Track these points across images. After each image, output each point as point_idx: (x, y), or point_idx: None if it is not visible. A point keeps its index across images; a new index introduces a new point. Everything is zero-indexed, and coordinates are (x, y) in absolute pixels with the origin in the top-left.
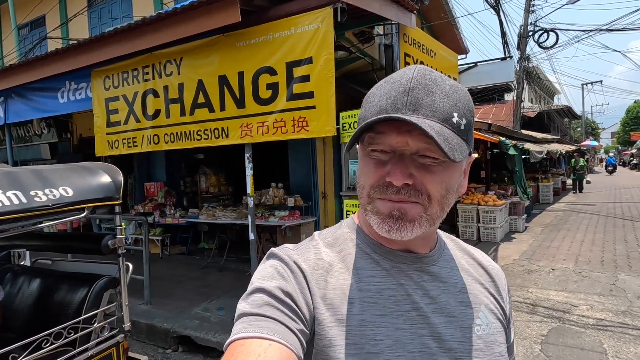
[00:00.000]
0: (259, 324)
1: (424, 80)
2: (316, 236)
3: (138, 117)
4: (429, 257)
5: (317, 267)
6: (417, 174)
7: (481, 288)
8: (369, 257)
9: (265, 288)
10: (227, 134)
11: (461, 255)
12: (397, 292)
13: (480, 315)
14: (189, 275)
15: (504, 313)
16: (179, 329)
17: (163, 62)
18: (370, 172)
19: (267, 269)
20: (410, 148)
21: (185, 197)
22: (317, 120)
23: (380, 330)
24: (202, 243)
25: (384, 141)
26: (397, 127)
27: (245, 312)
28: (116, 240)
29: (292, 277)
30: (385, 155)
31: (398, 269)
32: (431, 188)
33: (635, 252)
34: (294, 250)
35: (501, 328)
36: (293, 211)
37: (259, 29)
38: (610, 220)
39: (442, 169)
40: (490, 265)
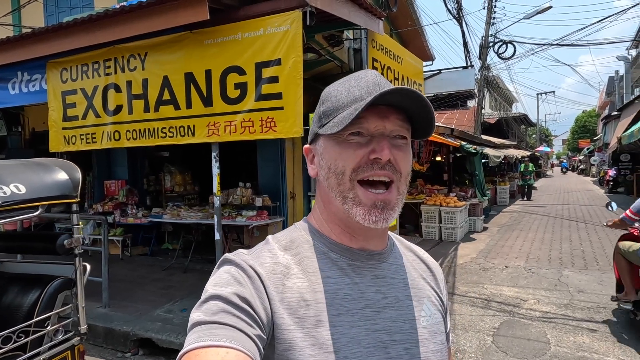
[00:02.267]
0: (215, 332)
1: (383, 79)
2: (271, 239)
3: (98, 112)
4: (381, 255)
5: (274, 271)
6: (394, 153)
7: (424, 282)
8: (326, 257)
9: (221, 295)
10: (194, 133)
11: (407, 252)
12: (352, 291)
13: (424, 308)
14: (152, 276)
15: (442, 304)
16: (139, 331)
17: (126, 57)
18: (352, 154)
19: (222, 275)
20: (386, 130)
21: (149, 196)
22: (285, 121)
23: (337, 329)
24: (166, 244)
25: (364, 125)
26: (377, 113)
27: (199, 321)
28: (73, 239)
29: (249, 282)
30: (363, 139)
31: (354, 267)
32: (403, 166)
33: (578, 250)
34: (249, 254)
35: (441, 318)
36: (261, 211)
37: (228, 28)
38: (558, 221)
39: (408, 148)
40: (430, 260)
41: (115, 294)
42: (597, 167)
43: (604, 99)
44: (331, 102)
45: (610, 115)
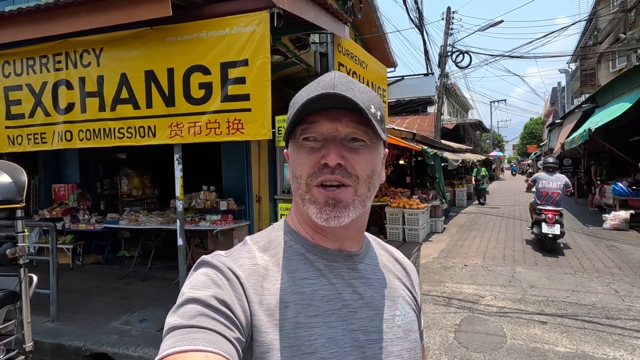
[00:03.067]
0: (193, 335)
1: (344, 80)
2: (249, 241)
3: (47, 110)
4: (358, 256)
5: (253, 273)
6: (348, 156)
7: (399, 282)
8: (304, 258)
9: (199, 298)
10: (154, 133)
11: (382, 253)
12: (329, 292)
13: (399, 307)
14: (106, 286)
15: (416, 303)
16: (92, 346)
17: (79, 51)
18: (306, 160)
19: (200, 277)
20: (339, 133)
21: (103, 200)
22: (252, 123)
23: (314, 330)
24: (123, 251)
25: (315, 129)
26: (327, 116)
27: (176, 326)
28: (17, 248)
29: (227, 285)
30: (317, 143)
31: (331, 268)
32: (359, 169)
33: (529, 248)
34: (227, 256)
35: (415, 317)
36: (225, 215)
37: (192, 26)
38: (510, 221)
39: (367, 151)
40: (405, 261)
41: (65, 307)
42: None
43: (548, 107)
44: (293, 108)
45: (554, 123)
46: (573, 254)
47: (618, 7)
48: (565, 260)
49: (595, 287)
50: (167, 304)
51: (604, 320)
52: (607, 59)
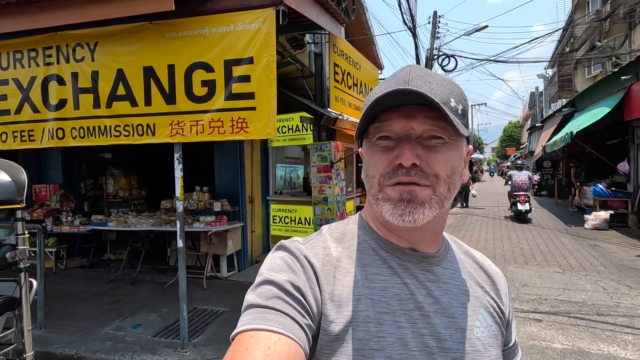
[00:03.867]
0: (268, 316)
1: (420, 73)
2: (324, 230)
3: (36, 106)
4: (435, 258)
5: (326, 263)
6: (424, 155)
7: (482, 291)
8: (376, 254)
9: (275, 281)
10: (154, 132)
11: (464, 257)
12: (401, 291)
13: (480, 318)
14: (94, 290)
15: (503, 316)
16: (85, 353)
17: (72, 45)
18: (379, 159)
19: (277, 261)
20: (415, 131)
21: (87, 201)
22: (257, 121)
23: (384, 328)
24: (108, 254)
25: (389, 128)
26: (402, 113)
27: (254, 304)
28: (17, 252)
29: (302, 272)
30: (391, 142)
31: (404, 267)
32: (437, 168)
33: (518, 247)
34: (304, 244)
35: (499, 331)
36: (220, 216)
37: (194, 21)
38: (496, 221)
39: (446, 149)
40: (492, 269)
41: (52, 313)
42: None
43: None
44: (365, 106)
45: (534, 126)
46: (559, 253)
47: (594, 16)
48: (553, 259)
49: (584, 285)
50: (161, 308)
51: (595, 317)
52: (583, 66)
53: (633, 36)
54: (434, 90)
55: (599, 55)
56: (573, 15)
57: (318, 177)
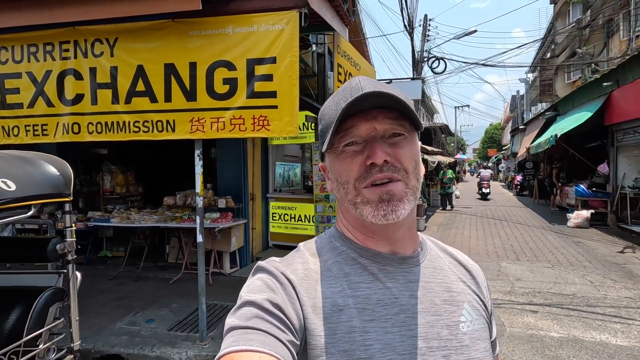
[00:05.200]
0: (249, 336)
1: (369, 81)
2: (301, 247)
3: (51, 100)
4: (413, 258)
5: (305, 277)
6: (391, 152)
7: (464, 286)
8: (356, 262)
9: (254, 301)
10: (174, 128)
11: (442, 255)
12: (384, 296)
13: (464, 313)
14: (98, 287)
15: (486, 309)
16: (103, 347)
17: (90, 40)
18: (350, 164)
19: (256, 282)
20: (378, 132)
21: (82, 197)
22: (279, 120)
23: (370, 335)
24: (104, 251)
25: (354, 133)
26: (363, 117)
27: (234, 326)
28: (66, 244)
29: (281, 289)
30: (358, 147)
31: (385, 272)
32: (405, 162)
33: (508, 244)
34: (281, 262)
35: (485, 324)
36: (225, 213)
37: (217, 21)
38: (484, 220)
39: (408, 143)
40: (470, 263)
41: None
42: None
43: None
44: (325, 120)
45: (517, 129)
46: (547, 249)
47: (574, 24)
48: (542, 255)
49: (573, 279)
50: (170, 304)
51: (586, 308)
52: (564, 71)
53: (611, 44)
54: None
55: (578, 62)
56: (554, 22)
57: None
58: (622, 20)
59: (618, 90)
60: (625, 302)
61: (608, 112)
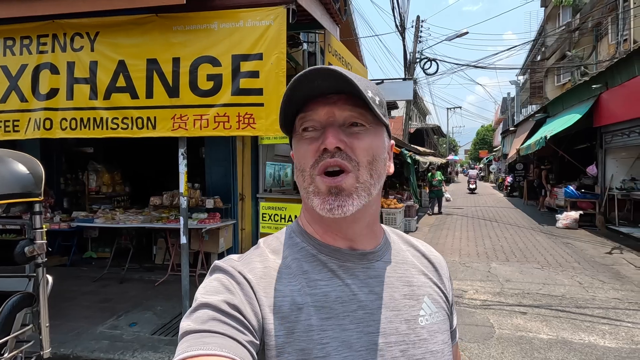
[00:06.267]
0: (205, 340)
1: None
2: (261, 244)
3: (25, 95)
4: (374, 254)
5: (264, 276)
6: (347, 141)
7: (425, 279)
8: (315, 259)
9: (211, 303)
10: (155, 125)
11: (406, 248)
12: (343, 293)
13: (424, 306)
14: (81, 289)
15: (447, 300)
16: (82, 353)
17: (70, 34)
18: (306, 151)
19: (212, 283)
20: (337, 119)
21: (66, 197)
22: (265, 118)
23: (327, 334)
24: (89, 252)
25: (313, 117)
26: (323, 102)
27: (189, 330)
28: (35, 246)
29: (238, 289)
30: (316, 132)
31: (345, 268)
32: (359, 154)
33: (498, 245)
34: (239, 260)
35: (445, 316)
36: (213, 213)
37: (202, 16)
38: (475, 221)
39: (367, 135)
40: (433, 255)
41: None
42: (495, 174)
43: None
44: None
45: (507, 130)
46: (537, 250)
47: (564, 27)
48: (531, 256)
49: (562, 280)
50: (155, 307)
51: (575, 309)
52: (554, 74)
53: (599, 47)
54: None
55: (568, 65)
56: (545, 25)
57: None
58: (611, 24)
59: (607, 92)
60: (614, 303)
61: (597, 114)
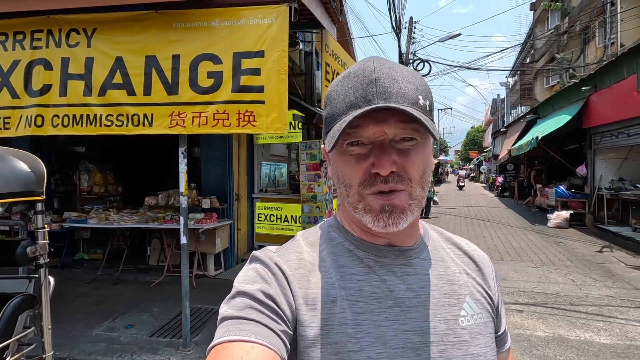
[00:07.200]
0: (241, 327)
1: (385, 70)
2: (299, 236)
3: (16, 92)
4: (412, 250)
5: (298, 268)
6: (399, 161)
7: (467, 278)
8: (352, 254)
9: (247, 291)
10: (151, 122)
11: (446, 245)
12: (379, 289)
13: (465, 306)
14: (74, 291)
15: (492, 302)
16: (78, 356)
17: (65, 30)
18: (353, 167)
19: (249, 272)
20: (387, 136)
21: (57, 197)
22: (266, 116)
23: (362, 328)
24: (81, 253)
25: (361, 134)
26: (373, 118)
27: (226, 316)
28: (37, 246)
29: (273, 279)
30: (364, 148)
31: (381, 264)
32: (412, 171)
33: (492, 244)
34: (276, 252)
35: (488, 317)
36: (209, 213)
37: (203, 13)
38: (468, 220)
39: (419, 150)
40: (477, 254)
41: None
42: (485, 174)
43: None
44: (331, 108)
45: (498, 131)
46: (530, 249)
47: (553, 30)
48: (525, 255)
49: (556, 278)
50: (152, 308)
51: (569, 306)
52: (543, 76)
53: (587, 50)
54: (402, 90)
55: (557, 67)
56: (534, 28)
57: (307, 175)
58: (598, 27)
59: (595, 94)
60: (606, 301)
61: (586, 115)
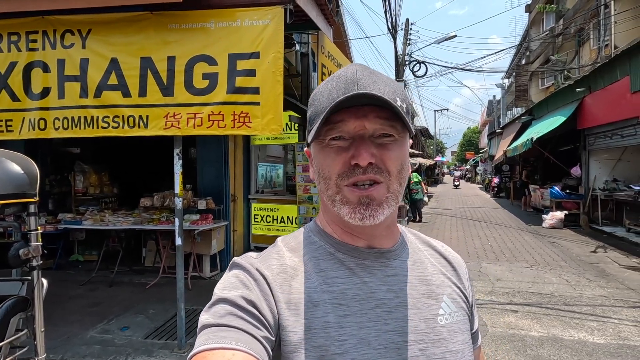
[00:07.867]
0: (222, 334)
1: (366, 73)
2: (279, 242)
3: (16, 94)
4: (392, 252)
5: (280, 273)
6: (377, 153)
7: (444, 278)
8: (333, 257)
9: (228, 298)
10: (147, 124)
11: (423, 247)
12: (361, 291)
13: (443, 305)
14: (68, 293)
15: (467, 301)
16: (73, 358)
17: (60, 31)
18: (334, 160)
19: (230, 279)
20: (367, 131)
21: (51, 198)
22: (261, 117)
23: (345, 331)
24: (76, 255)
25: (343, 129)
26: (354, 113)
27: (207, 324)
28: (30, 248)
29: (255, 285)
30: (345, 142)
31: (362, 266)
32: (390, 164)
33: (488, 245)
34: (257, 258)
35: (465, 316)
36: (205, 214)
37: (199, 14)
38: (464, 221)
39: (396, 146)
40: (452, 255)
41: None
42: (481, 175)
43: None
44: (314, 107)
45: (494, 132)
46: (525, 250)
47: (548, 32)
48: (520, 255)
49: (550, 278)
50: (147, 310)
51: (564, 307)
52: (538, 77)
53: (582, 52)
54: (381, 90)
55: (551, 69)
56: (529, 30)
57: (303, 176)
58: (592, 29)
59: (590, 96)
60: (600, 301)
61: (580, 117)
